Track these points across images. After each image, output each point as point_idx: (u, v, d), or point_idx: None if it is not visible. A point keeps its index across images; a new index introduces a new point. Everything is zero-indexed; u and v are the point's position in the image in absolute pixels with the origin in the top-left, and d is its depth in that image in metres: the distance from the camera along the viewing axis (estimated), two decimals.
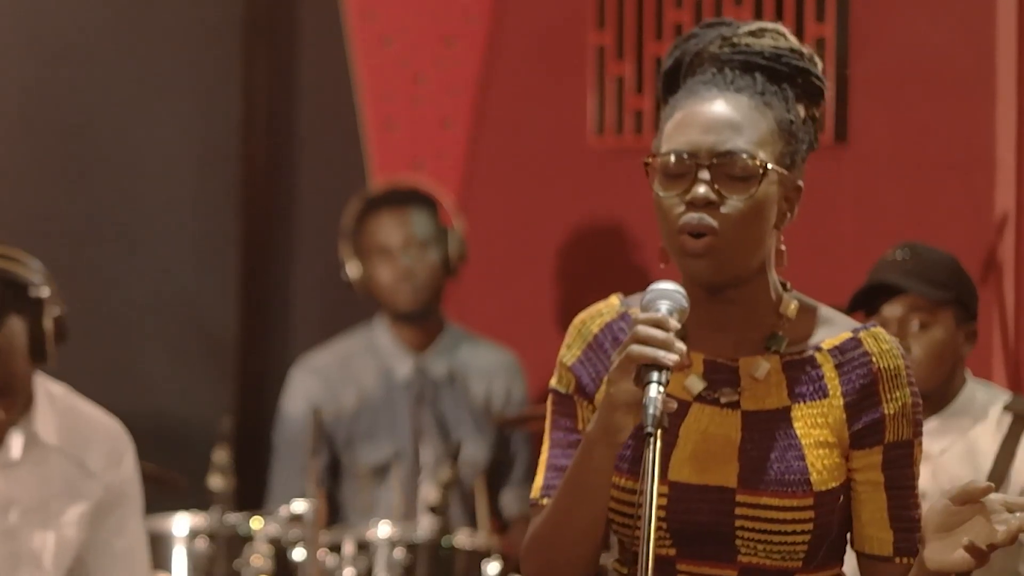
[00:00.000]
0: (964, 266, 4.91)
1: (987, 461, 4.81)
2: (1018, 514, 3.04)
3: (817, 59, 3.35)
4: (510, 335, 6.70)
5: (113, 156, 6.88)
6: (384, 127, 7.04)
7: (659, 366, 3.01)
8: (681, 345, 3.05)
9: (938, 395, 4.78)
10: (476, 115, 7.09)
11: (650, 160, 3.21)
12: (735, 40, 3.30)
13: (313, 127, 7.24)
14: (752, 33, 3.31)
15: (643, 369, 3.01)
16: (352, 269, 6.47)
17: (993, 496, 3.07)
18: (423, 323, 6.48)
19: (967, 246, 5.47)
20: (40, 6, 6.76)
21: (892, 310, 4.79)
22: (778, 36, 3.32)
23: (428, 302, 6.46)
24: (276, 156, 7.22)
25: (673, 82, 3.34)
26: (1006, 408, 4.79)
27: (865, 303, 4.82)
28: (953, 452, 4.83)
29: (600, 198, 6.64)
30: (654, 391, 2.98)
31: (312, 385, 6.39)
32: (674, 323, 3.05)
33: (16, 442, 4.86)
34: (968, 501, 3.06)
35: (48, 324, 4.85)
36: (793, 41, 3.32)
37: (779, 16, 6.16)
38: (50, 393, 4.98)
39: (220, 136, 7.12)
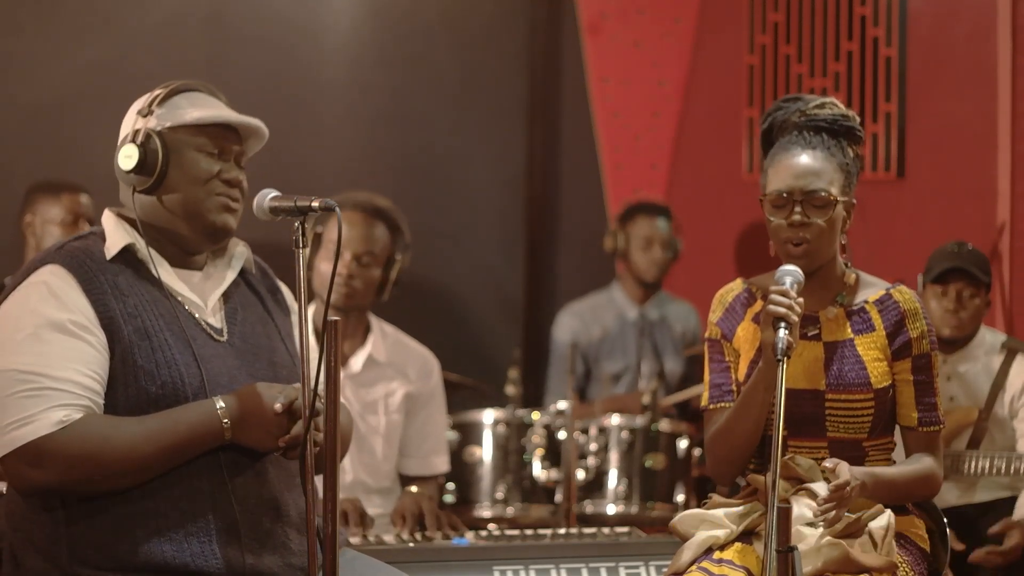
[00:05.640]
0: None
1: (991, 377, 5.33)
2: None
3: (856, 118, 3.67)
4: (698, 296, 6.89)
5: (443, 184, 7.50)
6: (615, 168, 7.69)
7: (784, 319, 3.36)
8: (798, 307, 3.37)
9: (965, 337, 5.37)
10: (672, 161, 7.67)
11: (763, 197, 3.62)
12: (807, 112, 3.63)
13: (571, 167, 7.82)
14: (818, 106, 3.68)
15: (775, 321, 3.37)
16: (609, 244, 7.01)
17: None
18: (649, 287, 7.04)
19: (981, 241, 5.86)
20: (404, 84, 7.40)
21: (957, 285, 5.28)
22: (834, 107, 3.68)
23: (662, 276, 7.08)
24: (547, 186, 7.80)
25: (768, 138, 3.71)
26: (1003, 344, 5.40)
27: (938, 279, 5.33)
28: (972, 371, 5.37)
29: (749, 213, 6.67)
30: (782, 334, 3.34)
31: (573, 323, 6.95)
32: (794, 292, 3.40)
33: (358, 360, 5.19)
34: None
35: (404, 260, 5.18)
36: (843, 109, 3.69)
37: (862, 99, 6.73)
38: (382, 329, 5.27)
39: (513, 170, 7.72)
